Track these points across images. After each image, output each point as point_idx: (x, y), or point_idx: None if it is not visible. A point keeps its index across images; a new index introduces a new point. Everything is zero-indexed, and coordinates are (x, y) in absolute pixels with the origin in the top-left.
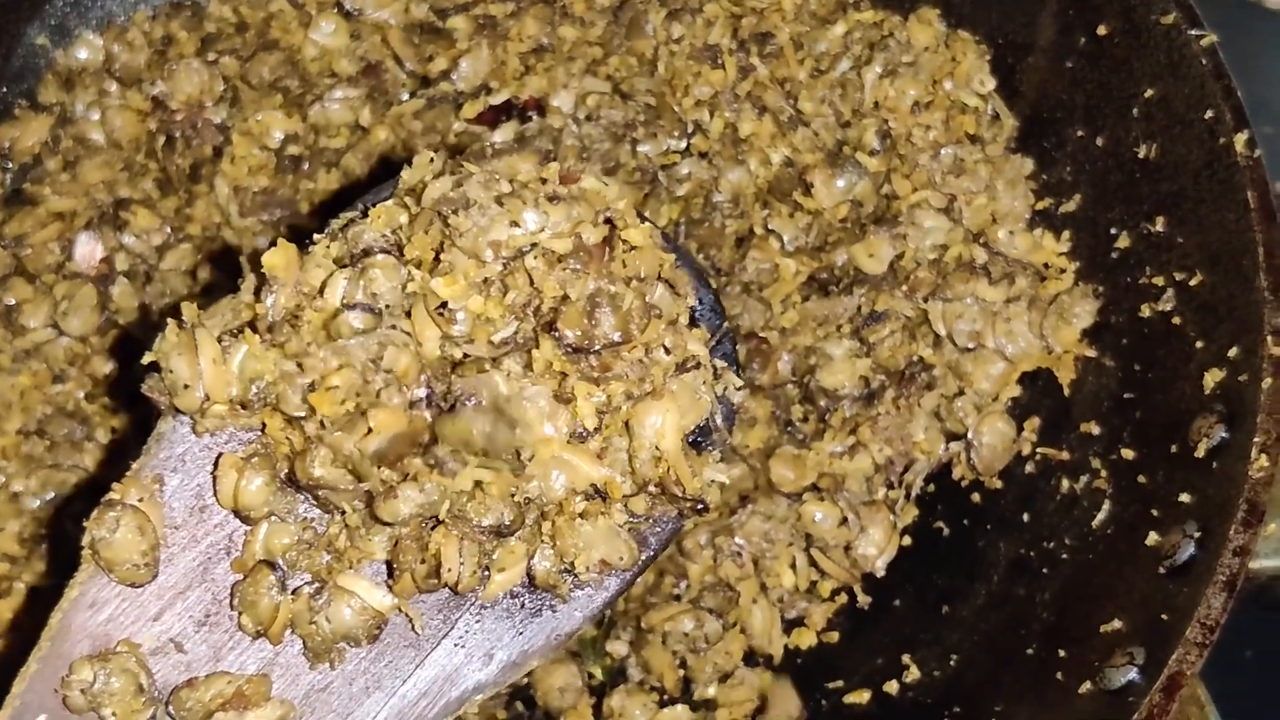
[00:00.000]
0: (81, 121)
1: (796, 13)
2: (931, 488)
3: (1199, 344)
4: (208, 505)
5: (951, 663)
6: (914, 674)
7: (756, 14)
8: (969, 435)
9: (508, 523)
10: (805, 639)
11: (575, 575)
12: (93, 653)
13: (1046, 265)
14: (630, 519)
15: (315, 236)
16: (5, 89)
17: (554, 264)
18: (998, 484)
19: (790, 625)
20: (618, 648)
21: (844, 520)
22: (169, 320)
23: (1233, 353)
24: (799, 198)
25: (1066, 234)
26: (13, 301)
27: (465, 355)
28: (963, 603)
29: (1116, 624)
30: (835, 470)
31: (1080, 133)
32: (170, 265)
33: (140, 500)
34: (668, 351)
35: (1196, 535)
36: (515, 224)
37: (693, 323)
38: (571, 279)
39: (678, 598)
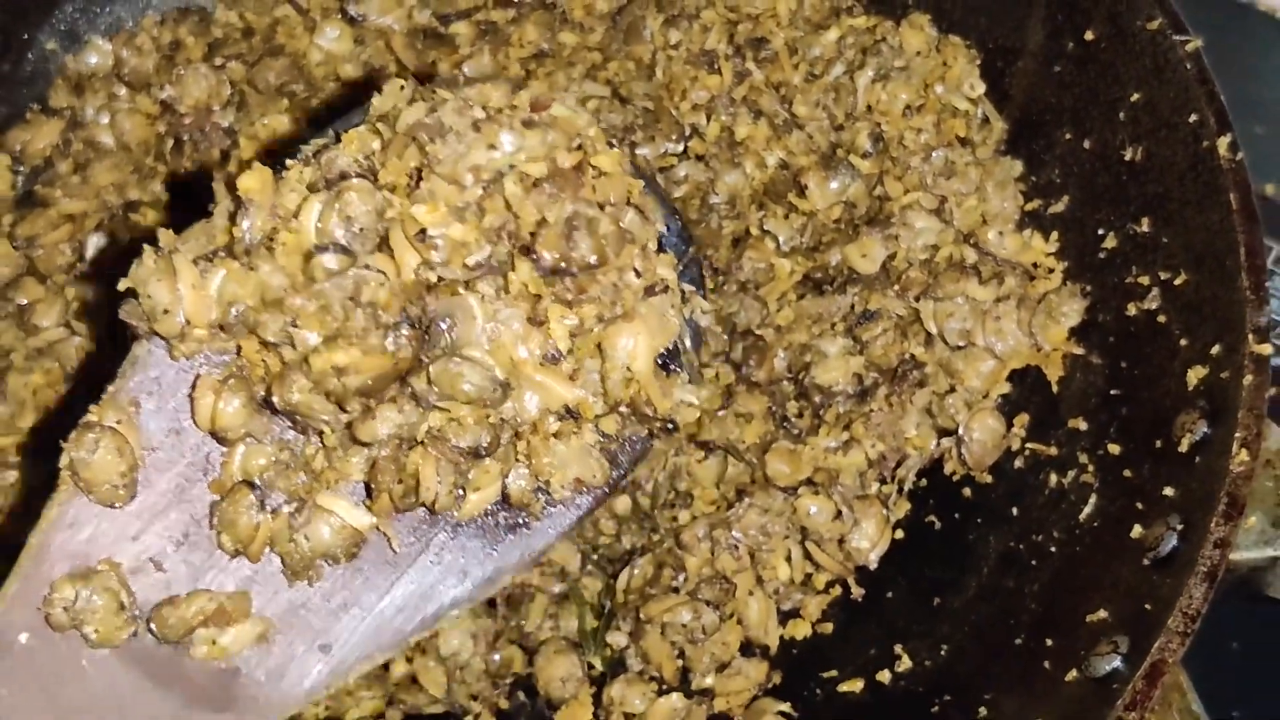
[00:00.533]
0: (92, 125)
1: (791, 18)
2: (923, 482)
3: (1183, 342)
4: (184, 428)
5: (942, 652)
6: (906, 664)
7: (752, 20)
8: (960, 431)
9: (485, 444)
10: (800, 630)
11: (549, 494)
12: (73, 572)
13: (1035, 265)
14: (601, 438)
15: (289, 162)
16: (17, 93)
17: (530, 189)
18: (988, 479)
19: (786, 617)
20: (617, 639)
21: (838, 514)
22: (145, 246)
23: (1215, 350)
24: (794, 199)
25: (1055, 235)
26: (25, 301)
27: (440, 279)
28: (954, 594)
29: (1102, 614)
30: (830, 465)
31: (1068, 136)
32: None
33: (118, 422)
34: (638, 275)
35: (1179, 528)
36: (493, 147)
37: (660, 249)
38: (549, 203)
39: (676, 590)
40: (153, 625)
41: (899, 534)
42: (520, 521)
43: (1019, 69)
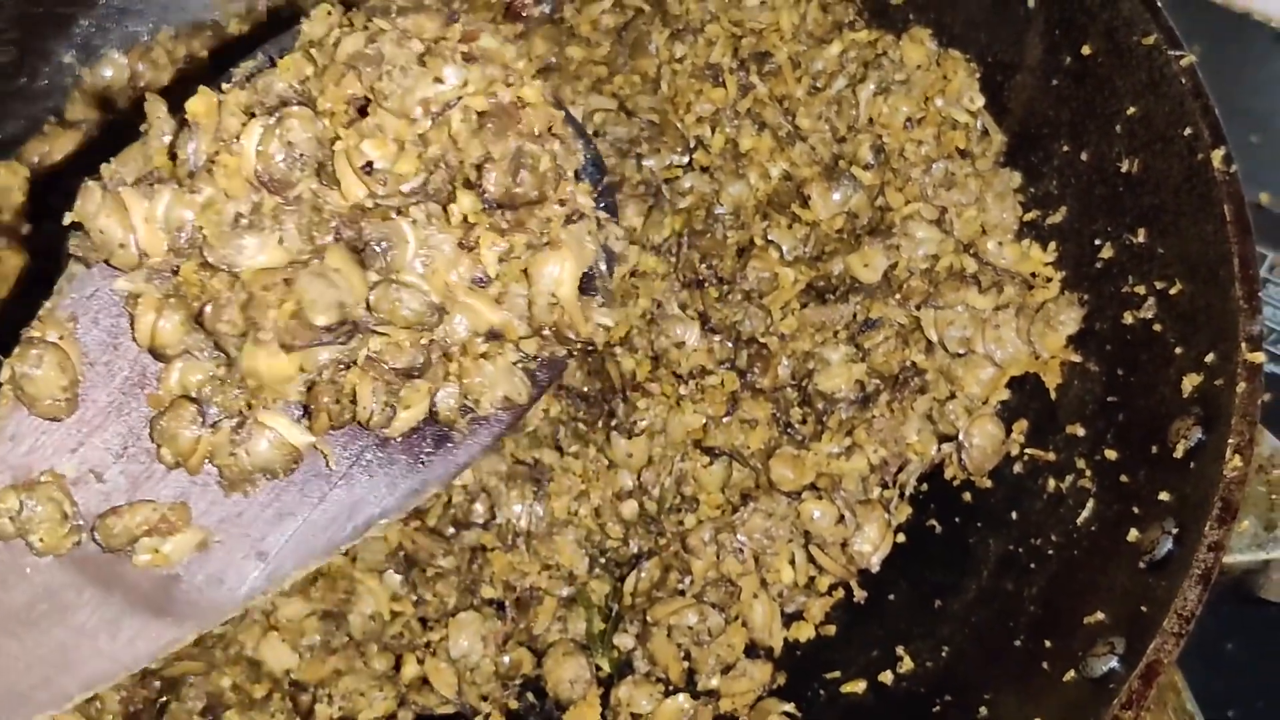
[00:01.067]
0: None
1: (794, 33)
2: (924, 487)
3: (1178, 350)
4: (121, 343)
5: (943, 654)
6: (907, 665)
7: (756, 34)
8: (960, 437)
9: (418, 365)
10: (804, 632)
11: (474, 411)
12: (15, 483)
13: (1034, 274)
14: (522, 358)
15: (224, 85)
16: (34, 106)
17: (475, 123)
18: (988, 483)
19: (789, 619)
20: (625, 641)
21: (841, 518)
22: (86, 180)
23: (1209, 358)
24: (797, 210)
25: (1053, 245)
26: None
27: (376, 204)
28: (954, 597)
29: (1099, 616)
30: (833, 470)
31: (1066, 148)
32: None
33: (60, 338)
34: (561, 204)
35: (1174, 532)
36: (439, 81)
37: (576, 177)
38: (493, 138)
39: (682, 593)
40: (96, 534)
41: (900, 538)
42: (446, 437)
43: (1018, 83)
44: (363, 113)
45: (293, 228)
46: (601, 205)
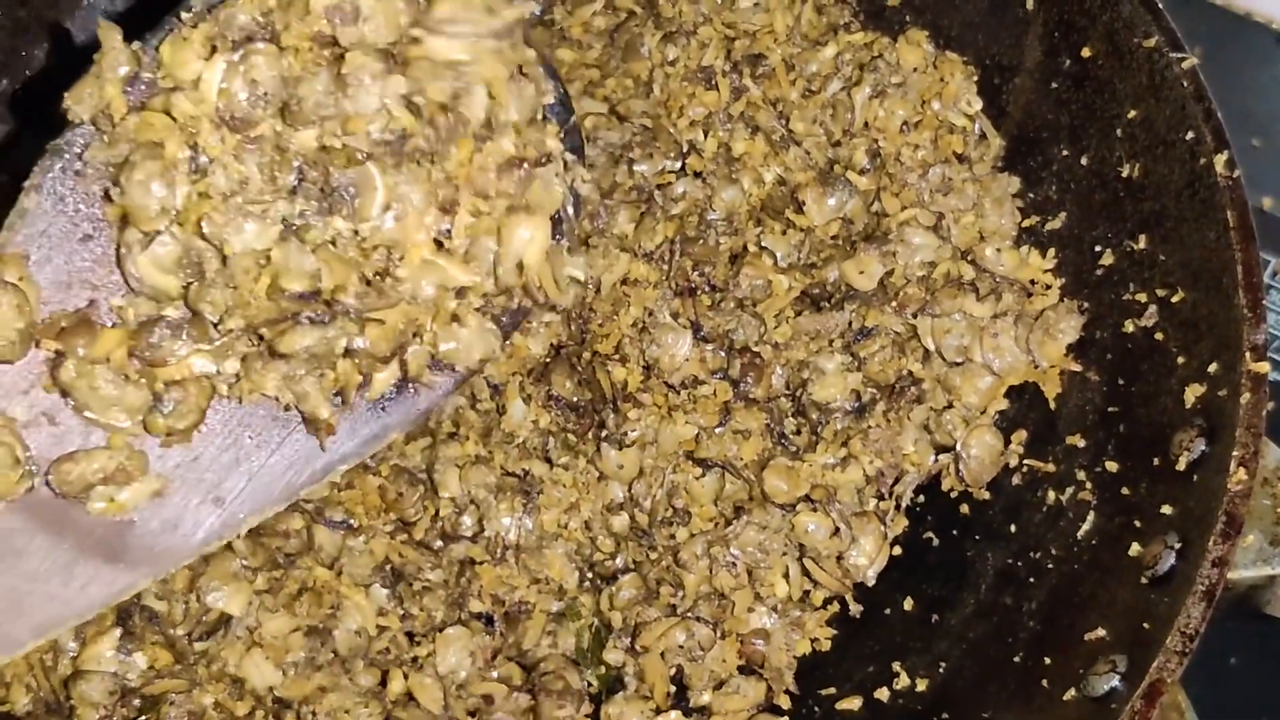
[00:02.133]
0: None
1: (788, 35)
2: (921, 499)
3: (1180, 359)
4: (74, 283)
5: (940, 670)
6: (904, 681)
7: (749, 36)
8: (957, 448)
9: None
10: (798, 647)
11: (440, 365)
12: None
13: (1033, 282)
14: (486, 304)
15: (184, 17)
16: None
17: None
18: (986, 495)
19: None
20: (615, 657)
21: (836, 531)
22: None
23: (1213, 368)
24: (791, 215)
25: (1052, 251)
26: None
27: (343, 144)
28: (951, 612)
29: (1100, 632)
30: (828, 482)
31: (1065, 152)
32: None
33: (20, 279)
34: (540, 163)
35: (1177, 546)
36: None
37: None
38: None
39: (674, 607)
40: (51, 479)
41: (897, 550)
42: (408, 387)
43: (1016, 86)
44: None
45: (254, 165)
46: (568, 146)
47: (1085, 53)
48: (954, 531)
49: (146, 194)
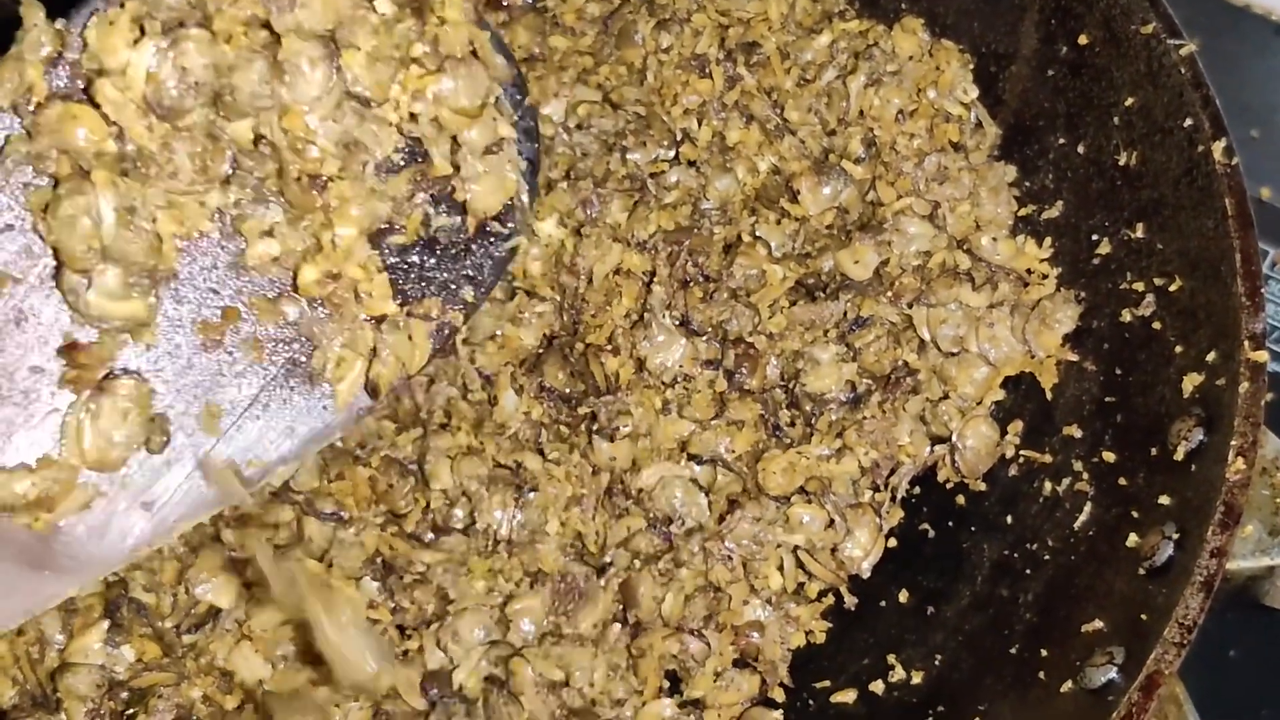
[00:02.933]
0: None
1: (783, 22)
2: (917, 490)
3: (1178, 349)
4: None
5: (936, 662)
6: (899, 674)
7: (743, 24)
8: (953, 438)
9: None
10: (793, 639)
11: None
12: None
13: (1029, 271)
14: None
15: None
16: None
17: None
18: (982, 486)
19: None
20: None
21: (831, 523)
22: None
23: (1211, 357)
24: (786, 205)
25: (1048, 240)
26: None
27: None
28: (947, 604)
29: (1097, 624)
30: (822, 473)
31: (1062, 140)
32: None
33: None
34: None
35: (1175, 537)
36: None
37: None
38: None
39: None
40: None
41: (892, 542)
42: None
43: (1012, 73)
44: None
45: (184, 156)
46: (520, 127)
47: (1082, 40)
48: (950, 523)
49: (73, 234)
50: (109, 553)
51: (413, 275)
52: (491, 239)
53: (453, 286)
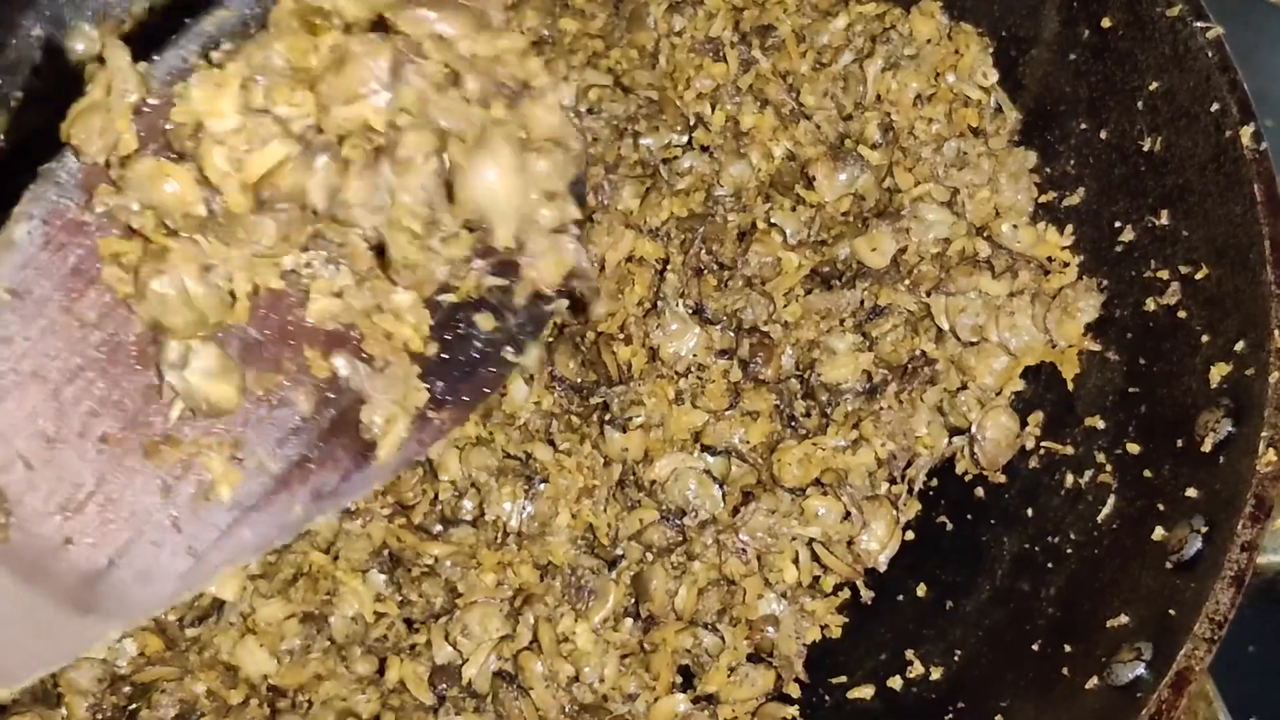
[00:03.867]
0: None
1: (798, 5)
2: (935, 482)
3: (1205, 338)
4: (59, 323)
5: (955, 658)
6: (918, 669)
7: (758, 6)
8: (972, 430)
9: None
10: (809, 634)
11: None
12: None
13: (1050, 259)
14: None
15: (214, 56)
16: (1, 80)
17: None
18: (1001, 478)
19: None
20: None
21: (847, 515)
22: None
23: (1239, 347)
24: (801, 191)
25: (1070, 228)
26: None
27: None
28: (966, 598)
29: (1123, 619)
30: (838, 465)
31: (1084, 126)
32: None
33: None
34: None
35: (1203, 530)
36: None
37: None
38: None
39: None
40: (28, 529)
41: (909, 535)
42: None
43: (1033, 57)
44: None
45: (272, 224)
46: (574, 196)
47: (1105, 23)
48: (968, 516)
49: (167, 308)
50: (153, 598)
51: (458, 331)
52: (540, 299)
53: (494, 344)
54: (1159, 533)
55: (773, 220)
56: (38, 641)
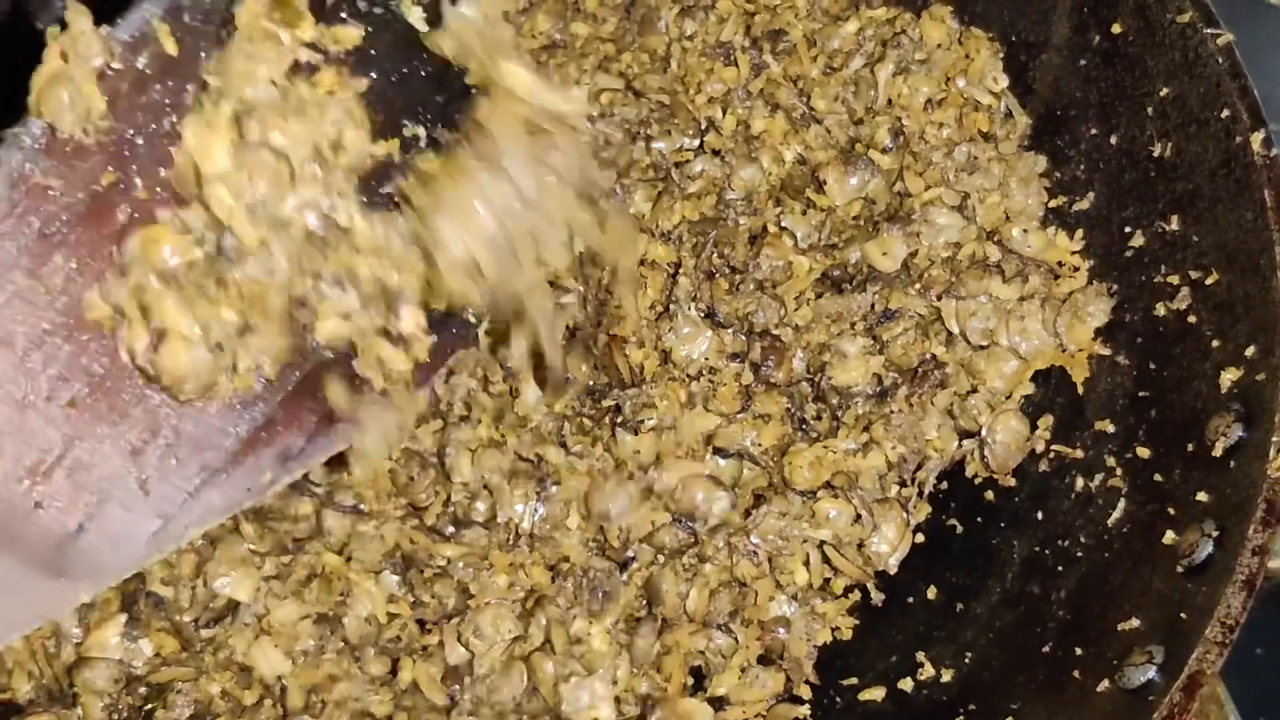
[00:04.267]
0: None
1: (809, 10)
2: (945, 485)
3: (1215, 343)
4: (38, 288)
5: (967, 660)
6: (929, 671)
7: (769, 11)
8: (982, 433)
9: None
10: (819, 636)
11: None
12: None
13: (1060, 263)
14: None
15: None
16: None
17: None
18: (1011, 482)
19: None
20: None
21: (857, 518)
22: None
23: (1250, 351)
24: (812, 195)
25: (1080, 232)
26: None
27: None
28: (977, 600)
29: (1134, 622)
30: (849, 468)
31: (1094, 131)
32: None
33: None
34: None
35: (1215, 534)
36: None
37: None
38: None
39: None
40: None
41: (919, 538)
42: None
43: (1043, 62)
44: None
45: (283, 255)
46: None
47: (1115, 29)
48: (979, 519)
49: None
50: (123, 561)
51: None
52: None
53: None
54: (1170, 536)
55: (784, 224)
56: (7, 605)
